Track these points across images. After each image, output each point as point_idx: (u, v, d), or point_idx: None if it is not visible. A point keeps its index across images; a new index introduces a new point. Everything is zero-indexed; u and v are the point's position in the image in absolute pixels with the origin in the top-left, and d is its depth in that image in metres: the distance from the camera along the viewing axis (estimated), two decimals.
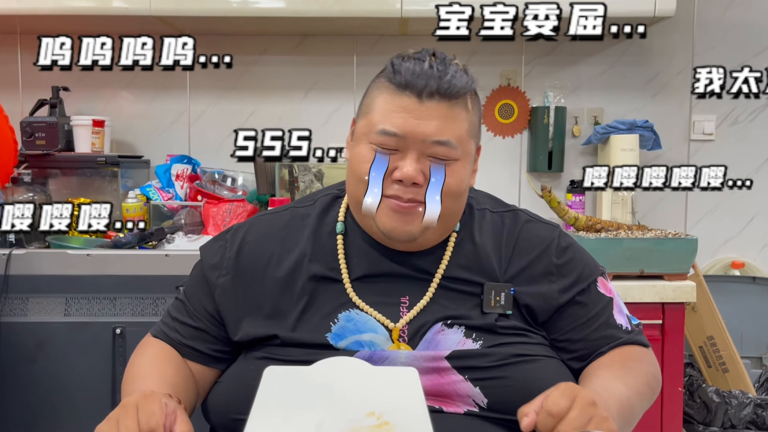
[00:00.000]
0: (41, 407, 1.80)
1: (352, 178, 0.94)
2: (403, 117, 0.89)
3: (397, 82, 0.90)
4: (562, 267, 0.98)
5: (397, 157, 0.90)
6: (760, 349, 2.27)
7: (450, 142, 0.90)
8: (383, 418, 0.60)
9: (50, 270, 1.80)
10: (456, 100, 0.90)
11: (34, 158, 2.13)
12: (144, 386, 0.87)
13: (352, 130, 0.99)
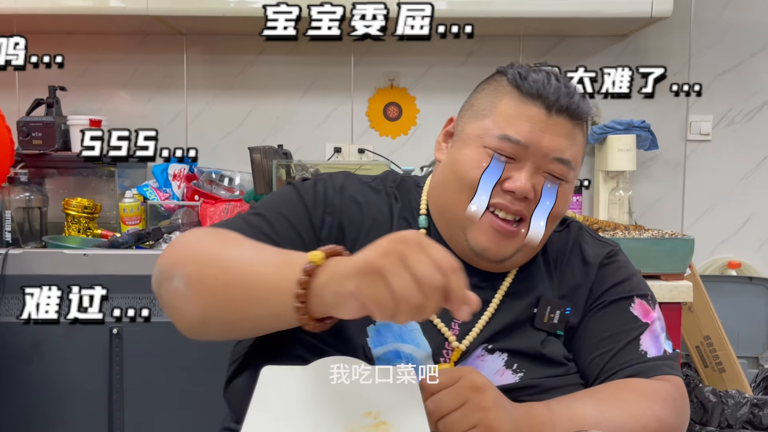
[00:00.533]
0: (37, 408, 1.79)
1: (454, 181, 0.89)
2: (529, 126, 0.86)
3: (526, 90, 0.87)
4: (604, 277, 0.95)
5: (512, 166, 0.87)
6: (756, 349, 2.28)
7: (570, 161, 0.88)
8: (380, 417, 0.61)
9: (47, 270, 1.79)
10: (579, 122, 0.89)
11: (30, 158, 2.12)
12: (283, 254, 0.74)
13: (448, 131, 0.96)
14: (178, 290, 0.76)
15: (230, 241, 0.79)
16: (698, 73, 2.37)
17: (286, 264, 0.68)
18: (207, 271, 0.75)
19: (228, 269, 0.73)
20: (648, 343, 0.91)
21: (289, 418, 0.60)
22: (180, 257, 0.78)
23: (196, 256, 0.77)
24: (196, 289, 0.75)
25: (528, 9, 2.03)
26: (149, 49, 2.39)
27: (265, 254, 0.74)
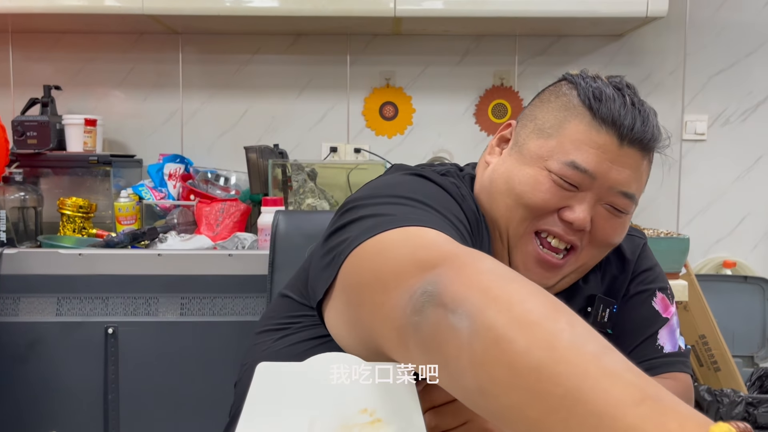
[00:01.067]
0: (33, 407, 1.78)
1: (509, 197, 0.84)
2: (598, 156, 0.80)
3: (601, 114, 0.81)
4: (634, 269, 0.95)
5: (573, 195, 0.82)
6: (751, 348, 2.28)
7: (634, 195, 0.84)
8: (376, 414, 0.60)
9: (42, 270, 1.78)
10: (648, 154, 0.85)
11: (25, 157, 2.11)
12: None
13: (504, 136, 0.91)
14: (456, 330, 0.50)
15: (558, 308, 0.49)
16: (693, 72, 2.37)
17: (655, 402, 0.41)
18: (517, 336, 0.46)
19: (551, 349, 0.45)
20: (665, 338, 0.92)
21: (285, 413, 0.60)
22: (479, 292, 0.50)
23: (504, 302, 0.49)
24: (486, 348, 0.47)
25: (524, 9, 2.03)
26: (144, 48, 2.38)
27: (615, 361, 0.45)
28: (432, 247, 0.60)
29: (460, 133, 2.39)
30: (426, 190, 0.79)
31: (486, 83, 2.39)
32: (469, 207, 0.84)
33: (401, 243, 0.62)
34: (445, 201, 0.79)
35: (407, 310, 0.55)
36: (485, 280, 0.51)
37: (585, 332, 0.46)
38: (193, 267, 1.78)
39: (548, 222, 0.83)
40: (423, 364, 0.54)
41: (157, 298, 1.78)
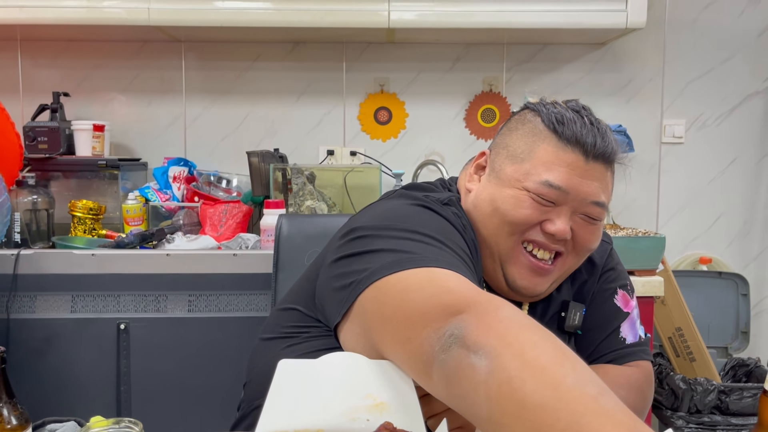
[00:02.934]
0: (50, 399, 1.87)
1: (495, 217, 0.93)
2: (568, 173, 0.90)
3: (566, 136, 0.90)
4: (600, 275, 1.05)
5: (551, 210, 0.91)
6: (725, 339, 2.41)
7: (605, 203, 0.93)
8: (378, 398, 0.72)
9: (57, 269, 1.86)
10: (611, 165, 0.94)
11: (36, 162, 2.20)
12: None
13: (480, 164, 0.99)
14: (476, 369, 0.58)
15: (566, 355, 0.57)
16: (672, 79, 2.50)
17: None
18: (527, 377, 0.54)
19: (557, 392, 0.52)
20: (627, 330, 1.02)
21: (303, 399, 0.72)
22: (497, 338, 0.59)
23: (518, 348, 0.57)
24: (500, 385, 0.55)
25: (511, 20, 2.14)
26: (148, 55, 2.47)
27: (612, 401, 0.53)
28: (456, 292, 0.68)
29: (451, 136, 2.50)
30: (435, 224, 0.88)
31: (475, 89, 2.50)
32: (469, 237, 0.94)
33: (426, 284, 0.71)
34: (452, 235, 0.88)
35: (435, 348, 0.63)
36: (503, 327, 0.59)
37: (586, 376, 0.54)
38: (200, 266, 1.88)
39: (533, 234, 0.92)
40: (444, 394, 0.64)
41: (166, 296, 1.88)
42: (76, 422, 0.92)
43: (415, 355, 0.67)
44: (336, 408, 0.72)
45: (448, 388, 0.62)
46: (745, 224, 2.54)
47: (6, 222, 1.98)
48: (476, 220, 0.96)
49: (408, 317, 0.69)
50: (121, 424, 0.74)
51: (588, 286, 1.04)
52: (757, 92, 2.50)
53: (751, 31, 2.48)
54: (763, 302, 2.56)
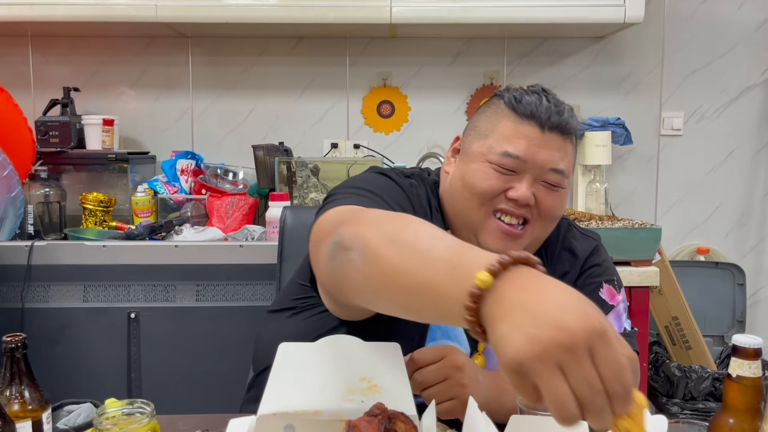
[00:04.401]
0: (63, 386, 1.93)
1: (465, 191, 1.02)
2: (525, 143, 0.98)
3: (521, 111, 0.99)
4: (583, 270, 1.10)
5: (514, 178, 0.99)
6: (722, 328, 2.46)
7: (563, 171, 1.00)
8: (373, 381, 0.78)
9: (69, 260, 1.92)
10: (569, 136, 1.01)
11: (48, 155, 2.27)
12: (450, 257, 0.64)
13: (455, 148, 1.09)
14: (354, 263, 0.71)
15: (412, 221, 0.71)
16: (670, 72, 2.53)
17: (458, 268, 0.59)
18: (384, 251, 0.67)
19: (403, 255, 0.65)
20: (612, 322, 1.07)
21: (302, 381, 0.78)
22: (362, 230, 0.72)
23: (378, 233, 0.70)
24: (371, 268, 0.68)
25: (511, 15, 2.18)
26: (156, 51, 2.52)
27: (440, 248, 0.64)
28: (345, 213, 0.84)
29: (452, 129, 2.54)
30: (379, 183, 1.02)
31: (477, 83, 2.54)
32: (418, 201, 1.04)
33: (333, 215, 0.86)
34: (393, 192, 1.01)
35: (326, 257, 0.78)
36: (368, 223, 0.75)
37: (425, 235, 0.67)
38: (207, 257, 1.94)
39: (500, 203, 1.00)
40: (343, 298, 0.81)
41: (175, 286, 1.94)
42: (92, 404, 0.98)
43: (319, 270, 0.84)
44: (333, 390, 0.78)
45: (343, 291, 0.78)
46: (742, 215, 2.57)
47: (20, 214, 2.04)
48: (452, 197, 1.05)
49: (314, 241, 0.86)
50: (134, 404, 0.80)
51: (569, 277, 1.10)
52: (755, 85, 2.53)
53: (749, 24, 2.50)
54: (760, 292, 2.60)
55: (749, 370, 0.67)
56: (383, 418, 0.72)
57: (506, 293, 0.55)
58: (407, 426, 0.73)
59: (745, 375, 0.67)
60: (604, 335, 0.53)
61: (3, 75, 2.16)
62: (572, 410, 0.51)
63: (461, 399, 0.87)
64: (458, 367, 0.88)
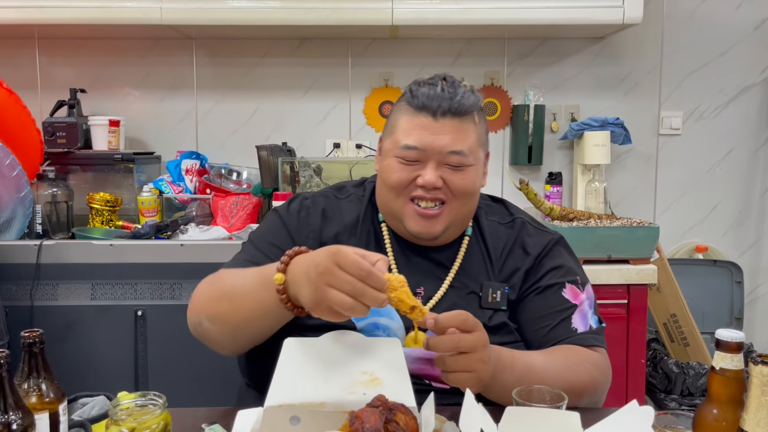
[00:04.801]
0: (71, 383, 1.96)
1: (383, 186, 1.12)
2: (421, 133, 1.07)
3: (415, 104, 1.08)
4: (541, 264, 1.14)
5: (420, 166, 1.08)
6: (719, 325, 2.48)
7: (462, 151, 1.07)
8: (374, 375, 0.81)
9: (77, 259, 1.95)
10: (465, 116, 1.08)
11: (55, 156, 2.30)
12: (256, 273, 1.00)
13: (379, 147, 1.17)
14: (208, 330, 1.06)
15: (227, 277, 1.07)
16: (669, 72, 2.56)
17: (266, 281, 0.95)
18: (219, 308, 1.04)
19: (232, 300, 1.02)
20: (578, 321, 1.12)
21: (307, 374, 0.81)
22: (200, 305, 1.08)
23: (208, 301, 1.06)
24: (218, 325, 1.04)
25: (511, 17, 2.20)
26: (160, 52, 2.56)
27: (250, 280, 1.00)
28: (199, 292, 1.11)
29: None
30: (266, 227, 1.19)
31: (477, 83, 2.58)
32: (316, 221, 1.16)
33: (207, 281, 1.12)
34: (271, 233, 1.16)
35: (195, 333, 1.12)
36: (201, 297, 1.09)
37: (237, 279, 1.03)
38: (212, 255, 1.96)
39: (413, 190, 1.09)
40: (222, 347, 1.10)
41: (181, 284, 1.97)
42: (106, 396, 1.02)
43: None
44: (336, 383, 0.82)
45: (216, 342, 1.09)
46: (740, 214, 2.60)
47: (28, 214, 2.08)
48: (378, 193, 1.16)
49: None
50: (147, 397, 0.83)
51: (520, 273, 1.14)
52: (753, 84, 2.55)
53: (748, 24, 2.53)
54: (758, 290, 2.63)
55: (732, 363, 0.70)
56: (384, 409, 0.75)
57: (291, 276, 0.91)
58: (407, 417, 0.77)
59: (727, 367, 0.70)
60: (339, 252, 0.84)
61: (11, 76, 2.19)
62: (349, 303, 0.82)
63: (478, 374, 0.90)
64: (486, 345, 0.91)
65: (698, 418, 0.74)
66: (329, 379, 0.82)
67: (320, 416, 0.80)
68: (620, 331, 2.06)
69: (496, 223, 1.19)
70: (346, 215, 1.18)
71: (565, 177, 2.55)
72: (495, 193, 2.55)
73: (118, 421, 0.79)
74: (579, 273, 1.17)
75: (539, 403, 0.86)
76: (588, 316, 1.13)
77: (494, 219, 1.20)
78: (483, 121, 1.13)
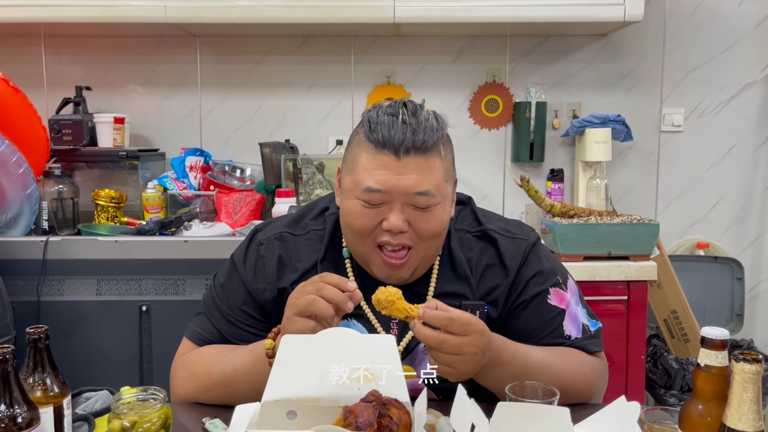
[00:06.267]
0: (77, 377, 1.98)
1: (347, 228, 1.04)
2: (384, 174, 0.97)
3: (375, 140, 0.98)
4: (520, 276, 1.09)
5: (384, 209, 0.99)
6: (720, 321, 2.49)
7: (429, 191, 0.98)
8: (369, 371, 0.83)
9: (83, 254, 1.98)
10: (431, 151, 0.98)
11: (61, 153, 2.33)
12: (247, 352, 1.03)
13: (338, 180, 1.08)
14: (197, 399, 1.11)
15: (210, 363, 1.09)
16: (671, 69, 2.56)
17: (257, 355, 1.01)
18: (211, 395, 1.08)
19: (225, 387, 1.06)
20: (569, 326, 1.08)
21: (304, 369, 0.83)
22: (184, 393, 1.13)
23: (196, 392, 1.11)
24: (208, 402, 1.09)
25: (513, 15, 2.21)
26: (165, 50, 2.58)
27: (240, 363, 1.05)
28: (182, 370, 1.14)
29: (455, 126, 2.59)
30: (227, 286, 1.15)
31: (479, 80, 2.59)
32: (266, 278, 1.11)
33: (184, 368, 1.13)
34: (235, 297, 1.13)
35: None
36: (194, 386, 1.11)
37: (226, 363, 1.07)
38: (216, 251, 1.99)
39: (379, 235, 1.01)
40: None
41: (185, 280, 2.00)
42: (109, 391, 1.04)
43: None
44: (332, 378, 0.84)
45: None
46: (742, 210, 2.61)
47: (35, 210, 2.11)
48: (343, 231, 1.08)
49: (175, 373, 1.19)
50: (148, 391, 0.85)
51: (501, 290, 1.09)
52: (755, 81, 2.56)
53: (749, 20, 2.53)
54: (759, 286, 2.63)
55: (716, 360, 0.72)
56: (378, 404, 0.78)
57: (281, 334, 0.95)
58: (400, 412, 0.79)
59: (712, 364, 0.72)
60: (306, 286, 0.94)
61: (17, 74, 2.21)
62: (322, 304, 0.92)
63: (459, 372, 0.91)
64: (476, 350, 0.90)
65: (684, 413, 0.76)
66: (325, 375, 0.84)
67: (316, 411, 0.82)
68: (620, 327, 2.07)
69: (465, 232, 1.13)
70: (304, 258, 1.11)
71: (567, 174, 2.56)
72: (497, 191, 2.61)
73: (119, 415, 0.81)
74: (558, 271, 1.12)
75: (532, 398, 0.88)
76: (579, 315, 1.10)
77: (463, 228, 1.14)
78: (449, 150, 1.04)
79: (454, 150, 1.07)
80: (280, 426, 0.82)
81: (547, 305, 1.09)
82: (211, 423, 0.98)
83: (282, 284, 1.11)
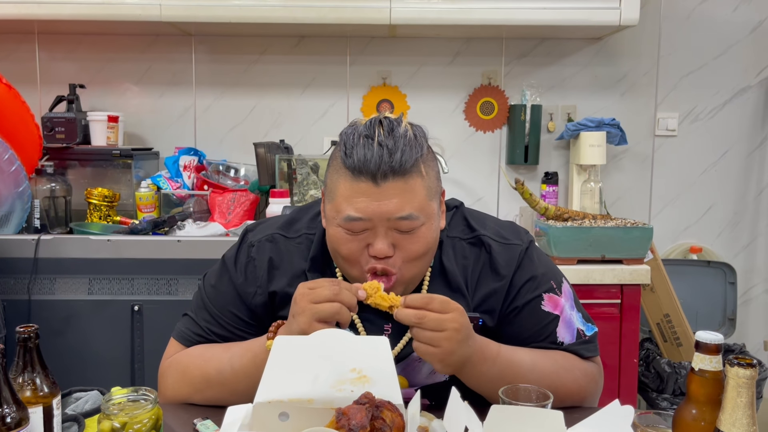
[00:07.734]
0: (68, 377, 1.97)
1: (335, 253, 1.03)
2: (363, 201, 0.94)
3: (351, 166, 0.94)
4: (513, 283, 1.07)
5: (368, 234, 0.97)
6: (713, 325, 2.50)
7: (411, 215, 0.95)
8: (362, 372, 0.83)
9: (75, 253, 1.97)
10: (410, 174, 0.95)
11: (54, 151, 2.31)
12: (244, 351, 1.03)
13: (322, 206, 1.06)
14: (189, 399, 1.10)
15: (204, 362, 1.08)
16: (666, 73, 2.57)
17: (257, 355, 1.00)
18: (206, 395, 1.07)
19: (223, 386, 1.05)
20: (563, 332, 1.07)
21: (297, 371, 0.83)
22: (177, 395, 1.11)
23: (190, 392, 1.09)
24: (203, 402, 1.08)
25: (508, 17, 2.22)
26: (160, 48, 2.57)
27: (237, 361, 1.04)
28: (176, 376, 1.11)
29: (450, 128, 2.59)
30: (214, 287, 1.13)
31: (475, 82, 2.59)
32: (257, 281, 1.10)
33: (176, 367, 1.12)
34: (226, 299, 1.12)
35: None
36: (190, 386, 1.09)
37: (224, 360, 1.05)
38: (209, 251, 1.98)
39: (367, 261, 0.99)
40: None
41: (177, 279, 1.99)
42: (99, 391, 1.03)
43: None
44: (325, 380, 0.83)
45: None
46: (735, 215, 2.62)
47: (27, 208, 2.10)
48: (331, 253, 1.06)
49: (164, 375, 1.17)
50: (138, 392, 0.85)
51: (496, 297, 1.07)
52: (749, 86, 2.57)
53: (744, 26, 2.54)
54: (751, 291, 2.64)
55: (710, 364, 0.71)
56: (371, 406, 0.77)
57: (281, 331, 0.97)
58: (393, 414, 0.78)
59: (706, 369, 0.72)
60: (304, 291, 0.94)
61: (10, 71, 2.20)
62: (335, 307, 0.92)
63: (443, 351, 0.91)
64: (458, 327, 0.91)
65: (678, 417, 0.75)
66: (318, 377, 0.83)
67: (308, 412, 0.82)
68: (613, 331, 2.07)
69: (459, 239, 1.10)
70: (295, 263, 1.10)
71: (561, 177, 2.56)
72: (491, 193, 2.61)
73: (109, 416, 0.80)
74: (552, 275, 1.10)
75: (526, 401, 0.88)
76: (573, 321, 1.08)
77: (456, 235, 1.11)
78: (430, 166, 1.00)
79: (440, 160, 1.05)
80: (272, 428, 0.81)
81: (541, 312, 1.06)
82: (203, 424, 0.97)
83: (273, 287, 1.10)
